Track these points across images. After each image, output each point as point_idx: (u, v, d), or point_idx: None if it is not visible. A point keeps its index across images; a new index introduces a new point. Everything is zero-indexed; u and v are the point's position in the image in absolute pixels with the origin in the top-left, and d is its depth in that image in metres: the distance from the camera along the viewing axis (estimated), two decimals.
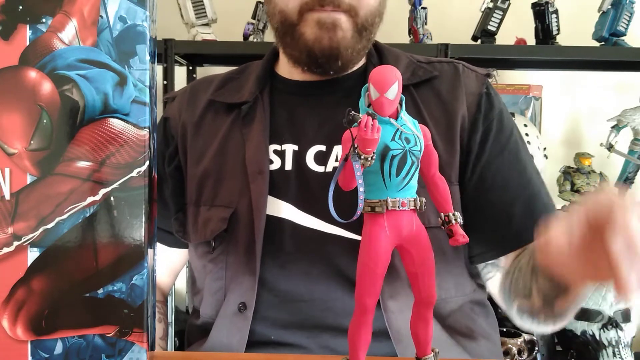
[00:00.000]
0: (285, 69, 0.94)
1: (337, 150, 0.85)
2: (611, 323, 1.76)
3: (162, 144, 0.97)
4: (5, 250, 0.52)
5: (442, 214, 0.54)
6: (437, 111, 0.88)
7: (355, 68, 0.92)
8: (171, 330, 1.73)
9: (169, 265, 1.01)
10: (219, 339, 0.85)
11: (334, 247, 0.81)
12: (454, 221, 0.54)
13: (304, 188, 0.85)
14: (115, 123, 0.53)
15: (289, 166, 0.87)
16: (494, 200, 0.88)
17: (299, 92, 0.93)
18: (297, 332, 0.83)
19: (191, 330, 0.94)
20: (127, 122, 0.53)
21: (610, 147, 1.72)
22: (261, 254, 0.82)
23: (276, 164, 0.87)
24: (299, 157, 0.87)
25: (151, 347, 0.56)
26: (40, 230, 0.52)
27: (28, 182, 0.52)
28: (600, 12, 1.70)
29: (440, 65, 0.94)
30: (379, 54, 0.95)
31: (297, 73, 0.92)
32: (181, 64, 1.83)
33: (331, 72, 0.89)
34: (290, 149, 0.88)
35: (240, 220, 0.85)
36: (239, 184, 0.86)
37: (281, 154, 0.88)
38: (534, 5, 1.73)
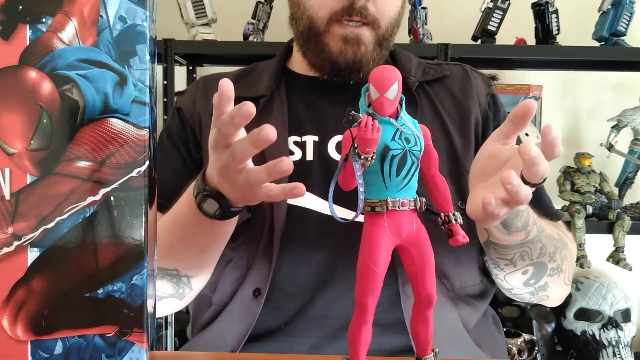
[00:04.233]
0: (300, 66, 0.97)
1: None
2: (611, 323, 1.76)
3: (180, 130, 0.98)
4: (5, 250, 0.52)
5: (442, 214, 0.54)
6: (451, 107, 0.93)
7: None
8: (171, 330, 1.73)
9: None
10: (230, 323, 0.86)
11: (358, 235, 0.83)
12: (454, 221, 0.54)
13: (326, 177, 0.86)
14: (115, 123, 0.52)
15: (310, 157, 0.89)
16: None
17: (318, 87, 0.95)
18: (309, 322, 0.83)
19: (196, 321, 0.94)
20: (127, 122, 0.53)
21: (610, 147, 1.72)
22: (284, 243, 0.84)
23: (297, 155, 0.89)
24: (320, 147, 0.89)
25: (151, 347, 0.56)
26: (40, 230, 0.52)
27: (28, 182, 0.52)
28: (600, 12, 1.70)
29: (449, 67, 0.99)
30: (392, 55, 1.00)
31: (314, 73, 0.94)
32: (181, 64, 1.83)
33: (352, 82, 0.92)
34: (310, 140, 0.90)
35: (262, 210, 0.85)
36: None
37: (302, 145, 0.90)
38: (534, 5, 1.73)
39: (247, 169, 0.64)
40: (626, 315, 1.80)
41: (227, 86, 0.61)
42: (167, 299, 0.84)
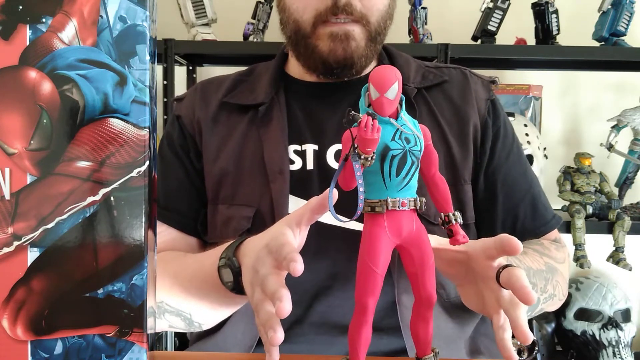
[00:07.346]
0: (297, 70, 0.96)
1: None
2: (611, 323, 1.76)
3: (181, 139, 0.97)
4: (5, 250, 0.52)
5: (442, 214, 0.54)
6: (450, 114, 0.92)
7: (369, 70, 0.93)
8: (171, 330, 1.73)
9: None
10: (233, 334, 0.86)
11: (358, 243, 0.83)
12: (454, 221, 0.54)
13: (326, 186, 0.86)
14: (115, 123, 0.52)
15: (310, 166, 0.88)
16: (502, 202, 0.92)
17: (316, 93, 0.94)
18: (307, 328, 0.83)
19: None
20: (127, 122, 0.53)
21: (610, 147, 1.72)
22: None
23: (297, 164, 0.88)
24: (319, 156, 0.88)
25: (151, 347, 0.56)
26: (40, 230, 0.52)
27: (28, 182, 0.52)
28: (600, 12, 1.70)
29: (448, 71, 0.97)
30: (390, 58, 0.98)
31: (310, 76, 0.94)
32: (181, 64, 1.83)
33: (345, 79, 0.91)
34: (310, 148, 0.89)
35: (263, 220, 0.85)
36: (259, 183, 0.87)
37: (302, 154, 0.89)
38: (534, 5, 1.73)
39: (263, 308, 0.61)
40: (626, 315, 1.80)
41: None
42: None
